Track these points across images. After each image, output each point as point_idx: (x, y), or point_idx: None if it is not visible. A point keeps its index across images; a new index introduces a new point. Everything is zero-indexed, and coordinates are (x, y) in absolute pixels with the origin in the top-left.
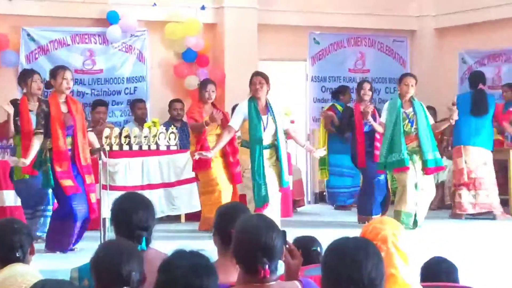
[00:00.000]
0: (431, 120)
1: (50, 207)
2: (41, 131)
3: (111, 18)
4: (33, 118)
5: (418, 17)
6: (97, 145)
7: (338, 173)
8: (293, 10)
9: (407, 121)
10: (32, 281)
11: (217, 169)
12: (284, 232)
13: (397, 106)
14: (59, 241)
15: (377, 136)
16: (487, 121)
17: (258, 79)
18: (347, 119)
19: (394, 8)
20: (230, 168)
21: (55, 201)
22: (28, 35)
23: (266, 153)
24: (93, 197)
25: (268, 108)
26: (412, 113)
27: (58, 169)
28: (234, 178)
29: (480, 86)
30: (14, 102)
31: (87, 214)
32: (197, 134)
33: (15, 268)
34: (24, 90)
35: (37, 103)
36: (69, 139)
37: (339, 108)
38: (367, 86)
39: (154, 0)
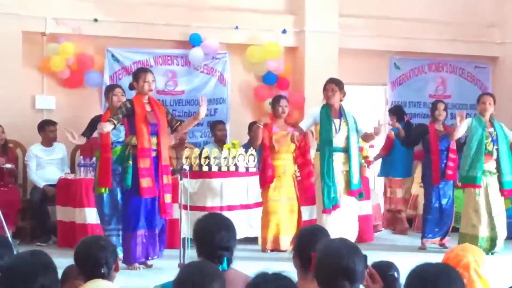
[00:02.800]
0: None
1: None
2: (115, 122)
3: (194, 41)
4: (112, 131)
5: (501, 43)
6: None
7: None
8: (374, 35)
9: (489, 139)
10: None
11: (282, 189)
12: (365, 256)
13: (482, 125)
14: (133, 252)
15: (452, 155)
16: None
17: (331, 86)
18: (419, 135)
19: (476, 34)
20: (301, 191)
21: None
22: (113, 56)
23: (339, 157)
24: (167, 198)
25: (341, 112)
26: (495, 132)
27: (141, 165)
28: (301, 201)
29: None
30: (97, 118)
31: (159, 219)
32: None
33: (98, 284)
34: (107, 105)
35: None
36: (154, 139)
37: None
38: (441, 106)
39: (236, 23)
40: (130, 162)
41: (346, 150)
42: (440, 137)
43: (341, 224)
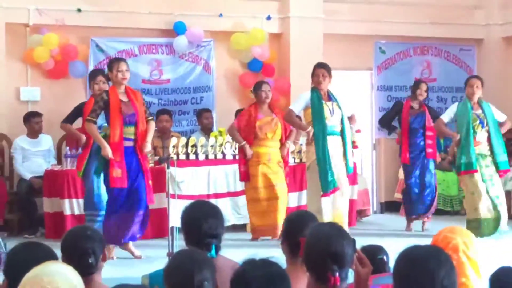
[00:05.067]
0: (503, 117)
1: (102, 213)
2: (94, 119)
3: (178, 29)
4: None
5: (485, 25)
6: (151, 136)
7: None
8: (359, 20)
9: (477, 121)
10: (60, 284)
11: (266, 177)
12: (353, 240)
13: (468, 109)
14: (113, 234)
15: (429, 133)
16: None
17: (321, 71)
18: (395, 113)
19: (461, 17)
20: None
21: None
22: (97, 45)
23: (335, 140)
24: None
25: (330, 96)
26: (483, 114)
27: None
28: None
29: None
30: (81, 106)
31: (143, 205)
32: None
33: (46, 267)
34: (91, 92)
35: None
36: (131, 128)
37: None
38: (423, 86)
39: (220, 11)
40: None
41: (341, 133)
42: (414, 115)
43: (336, 208)
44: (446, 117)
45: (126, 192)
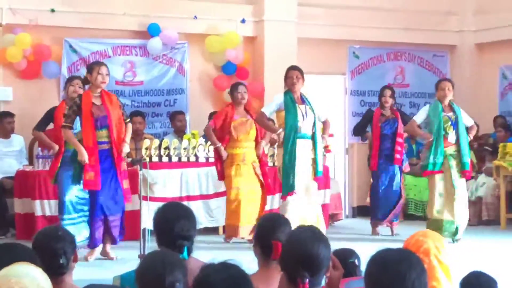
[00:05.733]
0: (470, 122)
1: (66, 216)
2: (69, 125)
3: (152, 31)
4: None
5: (458, 32)
6: (129, 137)
7: None
8: (333, 24)
9: (449, 123)
10: (27, 285)
11: (242, 177)
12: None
13: (439, 110)
14: (97, 237)
15: (399, 139)
16: None
17: (295, 73)
18: (366, 121)
19: (434, 23)
20: (264, 177)
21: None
22: (70, 46)
23: (307, 144)
24: (125, 183)
25: (303, 99)
26: (454, 116)
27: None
28: (267, 189)
29: None
30: (52, 111)
31: (119, 209)
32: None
33: (14, 268)
34: (64, 96)
35: None
36: (104, 132)
37: None
38: (387, 92)
39: (195, 13)
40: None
41: (313, 137)
42: (385, 122)
43: (303, 213)
44: (418, 118)
45: (103, 195)
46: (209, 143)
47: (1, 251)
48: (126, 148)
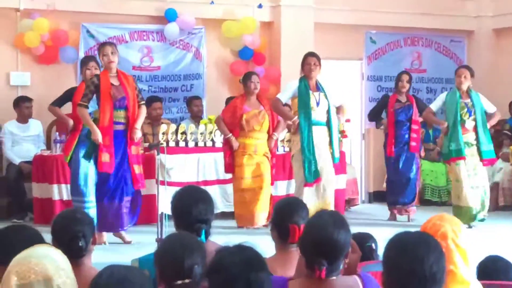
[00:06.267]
0: (492, 108)
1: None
2: (86, 104)
3: (169, 16)
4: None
5: (476, 17)
6: (141, 121)
7: None
8: (350, 9)
9: (465, 110)
10: (47, 267)
11: (254, 167)
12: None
13: (456, 97)
14: (105, 222)
15: (414, 126)
16: None
17: (313, 59)
18: (381, 107)
19: (451, 8)
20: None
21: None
22: (88, 31)
23: (321, 130)
24: (136, 169)
25: (318, 86)
26: (471, 103)
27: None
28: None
29: None
30: (72, 90)
31: (129, 191)
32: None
33: (35, 250)
34: (82, 77)
35: None
36: (121, 112)
37: None
38: (405, 78)
39: None
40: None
41: (328, 123)
42: (400, 108)
43: (322, 199)
44: (434, 106)
45: (113, 178)
46: None
47: (9, 233)
48: (138, 134)
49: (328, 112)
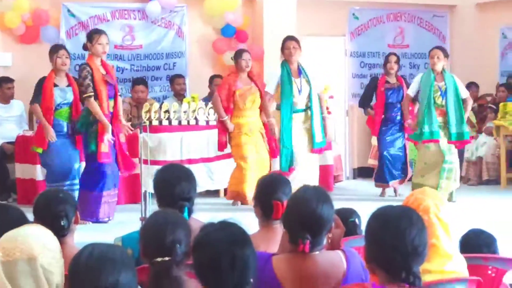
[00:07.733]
0: (465, 94)
1: (76, 181)
2: (92, 94)
3: None
4: (57, 93)
5: None
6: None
7: None
8: None
9: (439, 93)
10: (33, 246)
11: (252, 146)
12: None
13: (431, 79)
14: (90, 210)
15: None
16: None
17: (292, 43)
18: (370, 91)
19: None
20: (269, 142)
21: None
22: (68, 10)
23: (301, 116)
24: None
25: (300, 71)
26: (445, 86)
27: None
28: (271, 152)
29: None
30: (42, 81)
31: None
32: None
33: (23, 229)
34: (52, 66)
35: (65, 78)
36: (111, 102)
37: None
38: (393, 59)
39: None
40: (96, 127)
41: (307, 108)
42: (391, 90)
43: (302, 179)
44: (411, 91)
45: (108, 168)
46: (209, 106)
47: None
48: (125, 128)
49: (310, 96)
